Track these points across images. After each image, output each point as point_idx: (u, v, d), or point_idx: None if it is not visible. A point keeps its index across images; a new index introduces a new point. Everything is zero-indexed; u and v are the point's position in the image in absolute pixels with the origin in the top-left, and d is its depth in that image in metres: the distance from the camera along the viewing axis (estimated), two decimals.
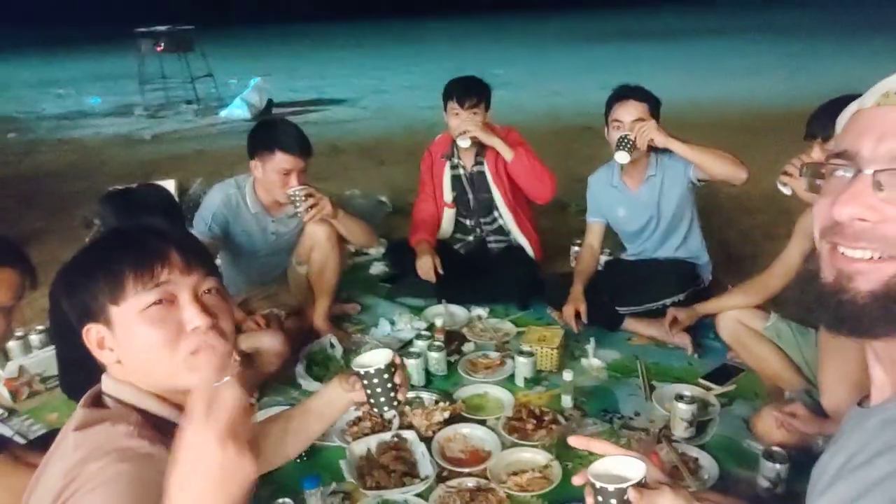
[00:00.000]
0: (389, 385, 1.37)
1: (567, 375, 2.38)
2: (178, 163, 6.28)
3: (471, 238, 3.37)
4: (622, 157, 2.66)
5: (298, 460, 2.12)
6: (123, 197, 2.25)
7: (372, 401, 1.37)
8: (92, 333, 1.05)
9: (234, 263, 2.88)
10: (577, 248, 3.37)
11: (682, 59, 12.92)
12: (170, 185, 4.38)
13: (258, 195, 2.78)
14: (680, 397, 2.16)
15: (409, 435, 2.17)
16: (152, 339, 1.01)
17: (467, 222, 3.36)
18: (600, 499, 0.98)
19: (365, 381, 1.36)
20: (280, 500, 1.88)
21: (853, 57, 11.67)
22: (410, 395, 2.46)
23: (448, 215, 3.34)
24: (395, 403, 1.39)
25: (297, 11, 25.07)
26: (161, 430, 1.00)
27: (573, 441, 1.11)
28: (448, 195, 3.30)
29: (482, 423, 2.29)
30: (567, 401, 2.37)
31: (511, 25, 22.83)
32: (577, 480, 1.05)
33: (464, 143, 3.03)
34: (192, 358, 1.03)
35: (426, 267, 3.08)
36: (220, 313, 1.07)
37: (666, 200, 2.81)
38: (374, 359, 1.40)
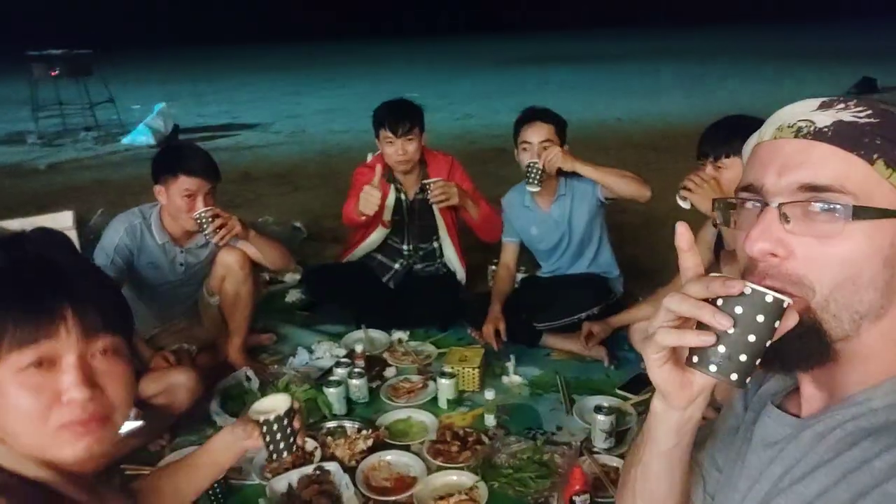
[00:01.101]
0: (289, 431, 1.35)
1: (489, 394, 2.39)
2: (76, 193, 5.94)
3: (397, 266, 3.29)
4: (533, 188, 2.76)
5: (214, 501, 2.02)
6: (12, 243, 2.06)
7: (271, 447, 1.35)
8: None
9: (140, 297, 2.73)
10: (494, 268, 3.41)
11: (588, 81, 13.46)
12: (67, 217, 4.09)
13: (165, 224, 2.66)
14: (599, 409, 2.21)
15: (331, 467, 2.11)
16: (21, 405, 0.88)
17: (404, 247, 3.29)
18: (740, 310, 0.68)
19: (265, 429, 1.33)
20: None
21: (743, 78, 12.53)
22: (332, 424, 2.40)
23: (381, 232, 3.23)
24: (294, 448, 1.38)
25: (204, 34, 24.43)
26: (36, 496, 0.89)
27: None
28: (388, 215, 3.19)
29: (406, 448, 2.26)
30: (490, 420, 2.37)
31: (424, 49, 23.14)
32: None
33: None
34: (61, 431, 0.89)
35: (372, 198, 2.86)
36: (110, 380, 0.93)
37: (576, 219, 2.90)
38: (271, 405, 1.38)
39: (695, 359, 0.71)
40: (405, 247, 3.30)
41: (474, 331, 3.00)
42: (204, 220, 2.50)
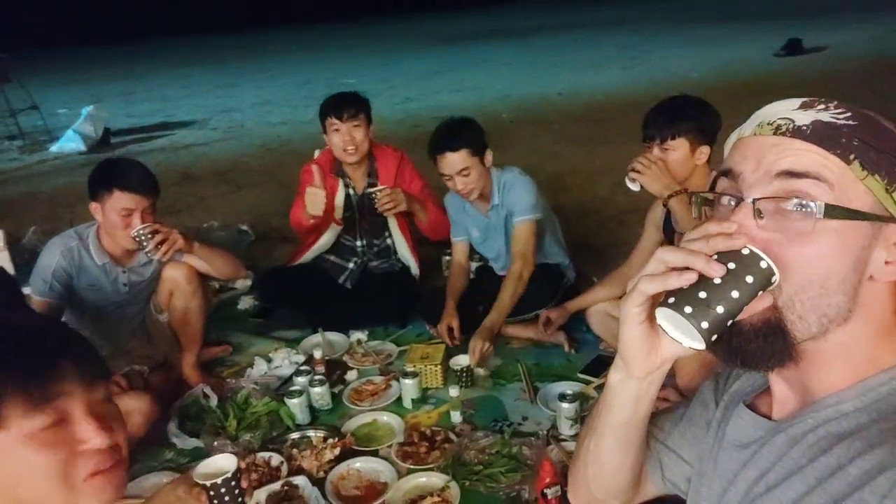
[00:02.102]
0: (237, 492, 1.32)
1: (453, 391, 2.38)
2: (4, 208, 5.64)
3: (352, 265, 3.26)
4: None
5: None
6: None
7: None
8: None
9: (83, 321, 2.62)
10: (448, 258, 3.40)
11: (526, 56, 13.48)
12: None
13: (103, 244, 2.54)
14: (563, 397, 2.23)
15: (299, 481, 2.07)
16: (44, 466, 0.85)
17: (357, 244, 3.25)
18: (732, 265, 0.69)
19: (212, 493, 1.30)
20: None
21: (675, 44, 12.75)
22: (296, 436, 2.36)
23: (333, 231, 3.20)
24: None
25: (125, 30, 23.37)
26: None
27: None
28: (339, 213, 3.15)
29: (374, 453, 2.24)
30: (456, 416, 2.37)
31: (356, 33, 22.75)
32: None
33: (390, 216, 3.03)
34: (89, 482, 0.88)
35: (318, 198, 2.88)
36: (115, 425, 0.94)
37: (513, 227, 2.89)
38: (216, 466, 1.35)
39: (671, 300, 0.70)
40: (358, 243, 3.25)
41: (432, 327, 2.98)
42: (143, 238, 2.40)
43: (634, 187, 2.25)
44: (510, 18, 22.52)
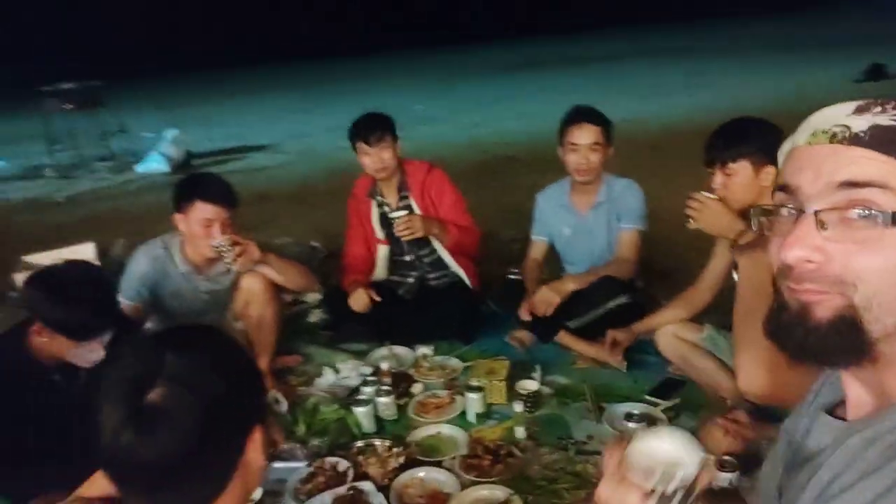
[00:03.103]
0: None
1: (518, 406, 2.39)
2: (95, 224, 6.01)
3: (411, 280, 3.34)
4: None
5: None
6: (49, 278, 2.04)
7: None
8: None
9: (165, 326, 2.77)
10: (512, 277, 3.41)
11: (589, 83, 13.40)
12: (89, 249, 4.19)
13: (187, 254, 2.70)
14: (629, 417, 2.21)
15: (365, 486, 2.12)
16: None
17: (407, 258, 3.34)
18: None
19: None
20: None
21: (746, 73, 12.46)
22: (362, 443, 2.41)
23: (382, 253, 3.31)
24: None
25: (204, 60, 24.56)
26: None
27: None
28: (379, 233, 3.29)
29: (438, 464, 2.26)
30: (520, 432, 2.38)
31: (425, 61, 23.20)
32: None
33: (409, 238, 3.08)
34: None
35: (361, 300, 3.06)
36: None
37: (615, 233, 2.91)
38: None
39: None
40: (408, 258, 3.33)
41: (512, 336, 3.04)
42: (223, 249, 2.54)
43: (697, 226, 2.20)
44: (571, 47, 22.49)
